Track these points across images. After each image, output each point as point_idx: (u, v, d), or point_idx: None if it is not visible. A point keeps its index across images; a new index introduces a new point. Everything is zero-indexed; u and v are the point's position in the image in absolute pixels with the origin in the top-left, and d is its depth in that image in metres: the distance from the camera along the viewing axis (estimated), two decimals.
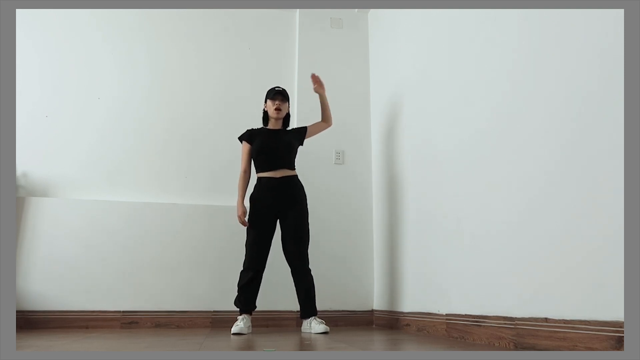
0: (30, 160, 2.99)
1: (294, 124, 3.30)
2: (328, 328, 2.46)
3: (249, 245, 2.53)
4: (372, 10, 3.62)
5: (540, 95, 1.64)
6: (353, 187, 3.30)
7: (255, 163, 2.66)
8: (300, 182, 2.66)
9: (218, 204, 3.13)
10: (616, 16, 1.35)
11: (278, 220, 2.63)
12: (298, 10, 3.60)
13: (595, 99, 1.40)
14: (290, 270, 2.58)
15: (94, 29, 3.30)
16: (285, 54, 3.57)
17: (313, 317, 2.51)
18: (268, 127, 2.74)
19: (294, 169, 2.68)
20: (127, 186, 3.09)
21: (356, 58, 3.58)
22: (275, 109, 2.66)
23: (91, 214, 2.91)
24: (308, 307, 2.52)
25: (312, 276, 2.56)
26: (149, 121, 3.23)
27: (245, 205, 2.62)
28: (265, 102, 2.74)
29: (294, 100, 3.39)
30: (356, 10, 3.65)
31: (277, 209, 2.57)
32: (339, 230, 3.19)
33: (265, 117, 2.76)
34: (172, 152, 3.21)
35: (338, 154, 3.33)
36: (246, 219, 2.59)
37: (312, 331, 2.47)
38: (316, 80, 2.75)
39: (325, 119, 2.84)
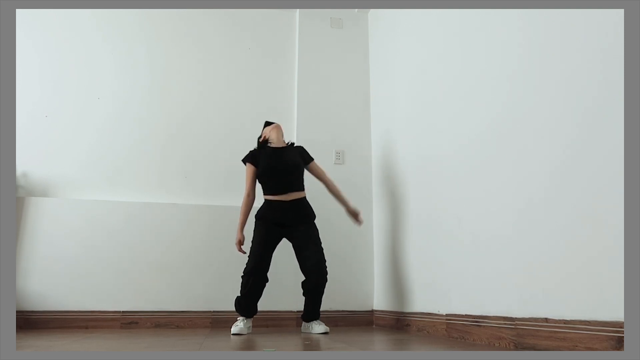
0: (30, 160, 2.99)
1: (293, 125, 3.30)
2: (328, 328, 2.46)
3: (253, 254, 2.46)
4: (372, 10, 3.62)
5: (541, 97, 1.64)
6: (353, 187, 3.30)
7: (263, 185, 2.58)
8: (309, 203, 2.62)
9: (218, 204, 3.13)
10: (616, 16, 1.35)
11: (285, 238, 2.58)
12: (298, 10, 3.60)
13: (596, 101, 1.40)
14: (305, 277, 2.50)
15: (94, 29, 3.30)
16: (286, 53, 3.57)
17: (315, 320, 2.52)
18: (271, 146, 2.65)
19: (304, 190, 2.63)
20: (127, 186, 3.09)
21: (356, 58, 3.58)
22: (272, 131, 2.63)
23: (91, 214, 2.91)
24: (313, 311, 2.51)
25: (326, 283, 2.49)
26: (149, 121, 3.23)
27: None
28: (263, 130, 2.73)
29: (294, 99, 3.39)
30: (356, 10, 3.65)
31: (284, 225, 2.52)
32: (339, 231, 3.19)
33: (264, 143, 2.67)
34: (172, 152, 3.21)
35: (338, 154, 3.33)
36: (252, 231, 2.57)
37: (312, 331, 2.47)
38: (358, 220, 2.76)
39: (331, 190, 2.74)
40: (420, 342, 1.96)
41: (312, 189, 3.05)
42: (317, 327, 2.45)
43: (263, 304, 2.75)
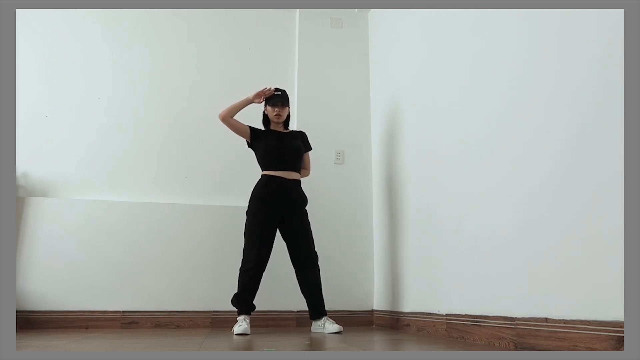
0: (30, 160, 2.99)
1: (293, 124, 3.30)
2: (342, 327, 2.48)
3: (252, 245, 2.48)
4: (372, 10, 3.62)
5: (541, 94, 1.64)
6: (353, 187, 3.30)
7: (264, 162, 2.62)
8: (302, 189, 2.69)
9: (218, 204, 3.13)
10: (616, 16, 1.35)
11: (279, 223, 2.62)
12: (298, 10, 3.60)
13: (596, 98, 1.40)
14: (295, 270, 2.57)
15: (93, 29, 3.30)
16: (286, 53, 3.57)
17: (325, 317, 2.52)
18: (272, 129, 2.72)
19: (300, 172, 2.69)
20: (127, 186, 3.09)
21: (356, 58, 3.58)
22: (276, 115, 2.66)
23: (91, 214, 2.91)
24: (319, 306, 2.53)
25: (320, 274, 2.57)
26: (149, 121, 3.23)
27: (242, 205, 2.61)
28: (265, 105, 2.72)
29: (294, 99, 3.39)
30: (356, 10, 3.65)
31: (282, 212, 2.55)
32: (339, 231, 3.19)
33: (266, 119, 2.75)
34: (172, 152, 3.21)
35: (338, 154, 3.33)
36: (247, 210, 2.58)
37: (326, 331, 2.46)
38: None
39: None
40: (420, 342, 1.96)
41: (313, 189, 3.05)
42: (332, 327, 2.45)
43: (263, 304, 2.75)
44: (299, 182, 2.65)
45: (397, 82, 2.99)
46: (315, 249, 2.62)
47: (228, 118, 2.61)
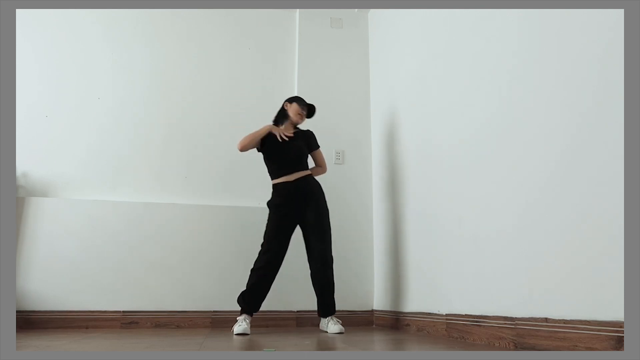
0: (30, 160, 2.99)
1: None
2: (344, 329, 2.49)
3: (264, 248, 2.51)
4: (372, 10, 3.62)
5: (541, 95, 1.64)
6: (353, 187, 3.31)
7: (269, 170, 2.67)
8: (315, 180, 2.66)
9: (218, 204, 3.13)
10: (616, 16, 1.35)
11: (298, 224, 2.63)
12: (298, 10, 3.60)
13: (596, 98, 1.40)
14: (310, 269, 2.56)
15: (93, 29, 3.30)
16: (286, 53, 3.57)
17: (330, 317, 2.54)
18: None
19: (307, 169, 2.67)
20: (127, 186, 3.09)
21: (356, 58, 3.58)
22: (299, 115, 2.69)
23: (91, 214, 2.91)
24: (326, 306, 2.54)
25: (333, 275, 2.55)
26: (149, 121, 3.23)
27: (262, 206, 2.61)
28: (292, 102, 2.73)
29: None
30: (356, 10, 3.65)
31: (296, 213, 2.57)
32: (339, 230, 3.18)
33: (281, 115, 2.75)
34: (172, 152, 3.21)
35: (338, 154, 3.33)
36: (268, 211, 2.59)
37: (329, 331, 2.49)
38: None
39: (313, 169, 2.82)
40: (420, 342, 1.96)
41: None
42: (333, 327, 2.47)
43: (263, 304, 2.74)
44: (305, 177, 2.62)
45: (397, 82, 2.99)
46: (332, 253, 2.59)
47: (247, 149, 2.63)
